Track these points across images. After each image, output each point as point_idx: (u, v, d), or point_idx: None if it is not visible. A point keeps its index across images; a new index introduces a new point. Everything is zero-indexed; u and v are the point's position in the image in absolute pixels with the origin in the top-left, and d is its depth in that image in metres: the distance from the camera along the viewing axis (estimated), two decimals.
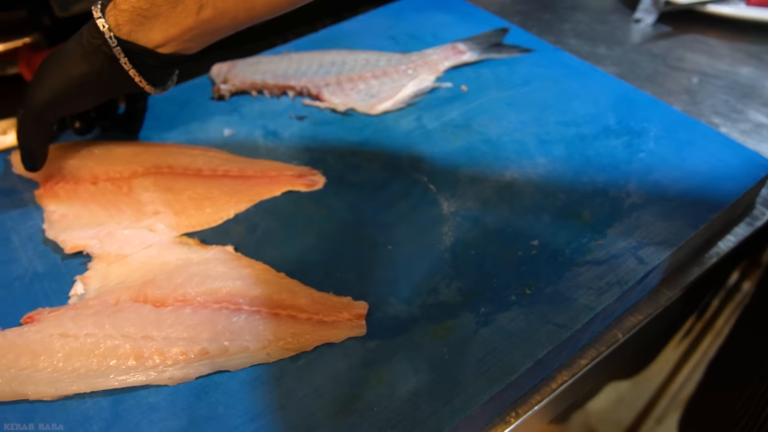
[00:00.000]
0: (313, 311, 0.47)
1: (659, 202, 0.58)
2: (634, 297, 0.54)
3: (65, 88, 0.51)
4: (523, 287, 0.50)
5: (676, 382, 1.32)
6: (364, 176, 0.60)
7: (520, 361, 0.45)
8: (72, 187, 0.56)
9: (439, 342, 0.46)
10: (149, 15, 0.48)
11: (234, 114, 0.68)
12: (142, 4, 0.48)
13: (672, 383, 1.32)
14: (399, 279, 0.51)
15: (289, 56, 0.74)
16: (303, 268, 0.51)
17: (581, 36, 0.93)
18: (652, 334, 0.57)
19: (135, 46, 0.50)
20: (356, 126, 0.66)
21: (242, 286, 0.47)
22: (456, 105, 0.69)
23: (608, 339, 0.52)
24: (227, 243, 0.53)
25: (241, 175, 0.58)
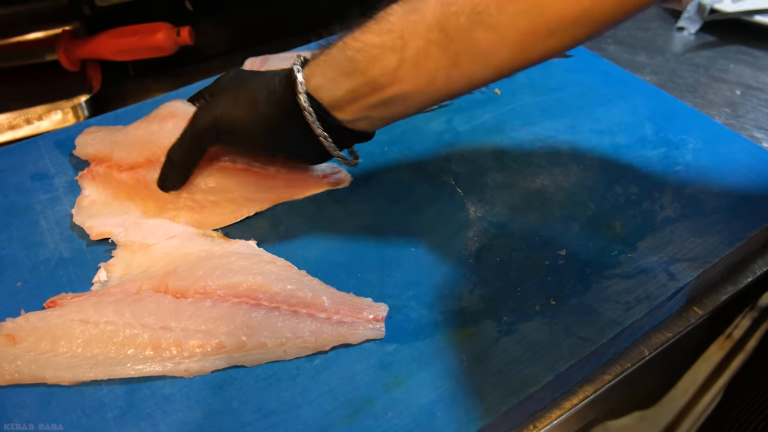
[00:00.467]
0: (332, 311, 0.46)
1: (694, 217, 0.56)
2: (663, 314, 0.52)
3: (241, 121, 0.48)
4: (548, 298, 0.49)
5: (702, 403, 1.28)
6: (391, 176, 0.60)
7: (541, 374, 0.44)
8: (107, 172, 0.56)
9: (459, 349, 0.45)
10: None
11: None
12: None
13: (697, 404, 1.29)
14: (422, 283, 0.50)
15: None
16: (325, 266, 0.51)
17: (621, 43, 0.90)
18: (680, 352, 0.56)
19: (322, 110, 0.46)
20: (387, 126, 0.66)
21: (263, 282, 0.47)
22: (488, 108, 0.68)
23: (634, 355, 0.50)
24: (250, 238, 0.53)
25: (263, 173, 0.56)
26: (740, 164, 0.61)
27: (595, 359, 0.48)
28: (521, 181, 0.59)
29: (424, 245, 0.53)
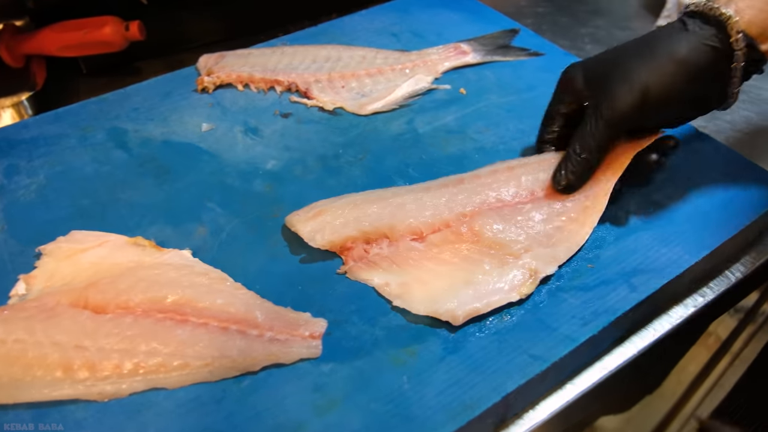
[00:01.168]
0: (265, 327, 0.43)
1: (661, 225, 0.52)
2: (625, 327, 0.49)
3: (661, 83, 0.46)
4: (500, 312, 0.46)
5: (690, 404, 1.26)
6: (344, 181, 0.56)
7: (486, 396, 0.41)
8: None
9: (400, 368, 0.42)
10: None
11: (216, 108, 0.64)
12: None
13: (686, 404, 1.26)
14: (366, 296, 0.47)
15: (282, 50, 0.71)
16: (264, 278, 0.48)
17: (599, 42, 0.87)
18: (643, 367, 0.52)
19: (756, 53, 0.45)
20: (343, 126, 0.63)
21: (192, 296, 0.44)
22: (452, 109, 0.65)
23: (592, 373, 0.47)
24: (186, 246, 0.50)
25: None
26: (714, 169, 0.58)
27: (551, 377, 0.45)
28: None
29: None
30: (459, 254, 0.48)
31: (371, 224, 0.49)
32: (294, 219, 0.50)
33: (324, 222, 0.49)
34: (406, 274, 0.47)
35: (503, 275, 0.46)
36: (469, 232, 0.49)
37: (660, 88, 0.46)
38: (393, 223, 0.49)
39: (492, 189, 0.52)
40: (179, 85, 0.67)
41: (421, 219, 0.49)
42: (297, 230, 0.49)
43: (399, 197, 0.51)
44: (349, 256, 0.49)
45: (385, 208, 0.50)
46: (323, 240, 0.48)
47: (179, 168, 0.57)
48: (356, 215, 0.49)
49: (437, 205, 0.50)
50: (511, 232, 0.49)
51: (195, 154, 0.59)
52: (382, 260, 0.48)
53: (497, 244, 0.48)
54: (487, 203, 0.51)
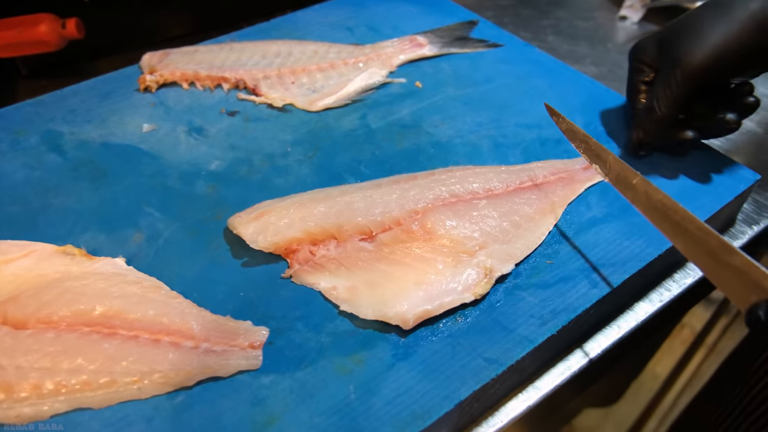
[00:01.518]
0: (201, 338, 0.40)
1: (622, 218, 0.50)
2: (588, 325, 0.47)
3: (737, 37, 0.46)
4: (454, 314, 0.43)
5: (668, 399, 1.25)
6: (293, 180, 0.54)
7: (438, 404, 0.38)
8: None
9: (346, 378, 0.39)
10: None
11: (159, 108, 0.61)
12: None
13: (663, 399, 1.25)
14: (312, 301, 0.44)
15: (230, 46, 0.68)
16: (203, 285, 0.45)
17: (561, 33, 0.86)
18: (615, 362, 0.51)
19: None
20: (292, 124, 0.60)
21: (121, 307, 0.41)
22: (407, 103, 0.62)
23: (555, 374, 0.45)
24: (120, 254, 0.46)
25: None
26: (675, 158, 0.56)
27: (510, 380, 0.43)
28: None
29: None
30: (411, 254, 0.45)
31: (317, 224, 0.46)
32: (236, 221, 0.47)
33: (267, 223, 0.46)
34: (355, 277, 0.44)
35: (457, 274, 0.44)
36: (421, 230, 0.46)
37: (734, 40, 0.47)
38: (340, 223, 0.46)
39: (446, 185, 0.49)
40: (121, 85, 0.64)
41: (370, 217, 0.47)
42: (239, 232, 0.46)
43: (347, 195, 0.48)
44: (295, 259, 0.46)
45: (332, 207, 0.47)
46: (266, 242, 0.45)
47: (117, 171, 0.54)
48: (302, 215, 0.47)
49: (387, 202, 0.48)
50: (465, 228, 0.46)
51: (134, 156, 0.55)
52: (329, 262, 0.45)
53: (451, 242, 0.46)
54: (441, 199, 0.48)
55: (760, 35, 0.47)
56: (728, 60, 0.47)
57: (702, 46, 0.47)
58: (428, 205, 0.47)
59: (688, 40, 0.48)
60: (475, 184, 0.49)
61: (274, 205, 0.48)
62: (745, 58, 0.48)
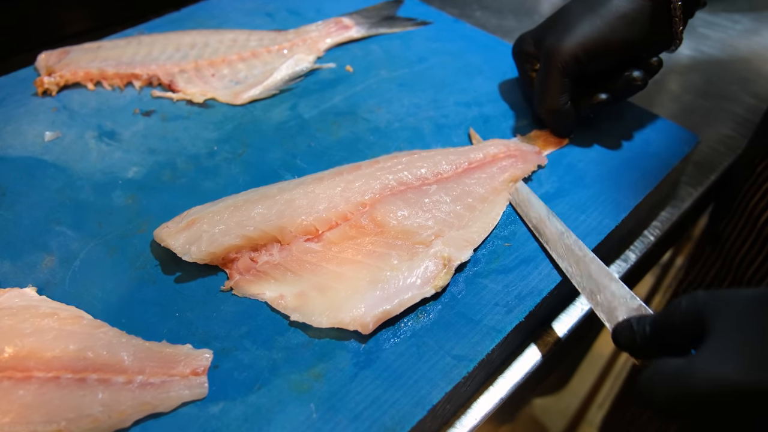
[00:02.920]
0: (135, 370, 0.35)
1: (575, 191, 0.49)
2: (552, 306, 0.45)
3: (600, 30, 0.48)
4: (415, 311, 0.40)
5: (617, 366, 1.28)
6: (223, 181, 0.49)
7: (409, 413, 0.35)
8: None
9: (305, 396, 0.35)
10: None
11: (62, 112, 0.54)
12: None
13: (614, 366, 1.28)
14: (258, 313, 0.40)
15: (138, 39, 0.61)
16: (131, 309, 0.39)
17: (487, 8, 0.84)
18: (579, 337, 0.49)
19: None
20: (216, 120, 0.54)
21: (35, 345, 0.35)
22: (339, 89, 0.58)
23: (524, 362, 0.43)
24: (29, 282, 0.40)
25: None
26: (618, 126, 0.55)
27: (482, 372, 0.40)
28: None
29: None
30: (362, 250, 0.42)
31: (257, 228, 0.42)
32: (163, 232, 0.42)
33: (200, 231, 0.41)
34: (303, 282, 0.40)
35: (414, 268, 0.41)
36: (371, 224, 0.43)
37: (599, 33, 0.48)
38: (282, 224, 0.42)
39: (392, 172, 0.46)
40: (14, 90, 0.56)
41: (315, 215, 0.42)
42: (167, 244, 0.41)
43: (287, 193, 0.44)
44: (234, 268, 0.41)
45: (271, 207, 0.43)
46: (200, 253, 0.41)
47: (17, 188, 0.47)
48: (238, 219, 0.42)
49: (332, 196, 0.44)
50: (419, 217, 0.43)
51: (37, 169, 0.49)
52: (274, 269, 0.41)
53: (404, 233, 0.42)
54: (389, 188, 0.45)
55: (625, 29, 0.49)
56: (597, 50, 0.49)
57: (570, 39, 0.49)
58: (376, 196, 0.44)
59: (556, 33, 0.50)
60: (423, 169, 0.46)
61: (205, 210, 0.43)
62: (616, 48, 0.49)
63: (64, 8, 0.72)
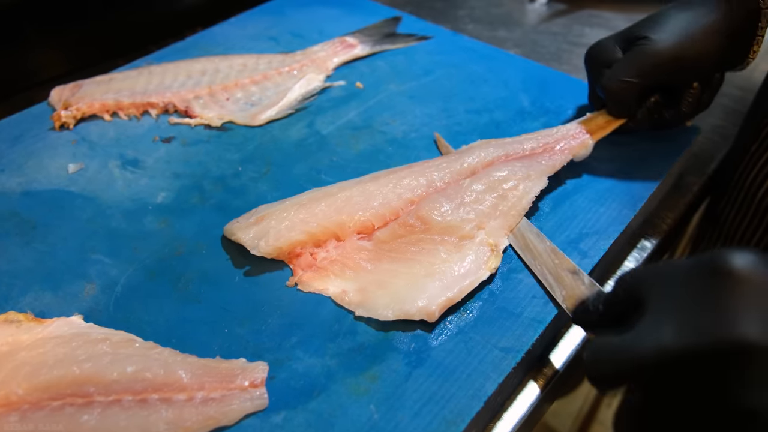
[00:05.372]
0: (195, 387, 0.35)
1: (591, 186, 0.51)
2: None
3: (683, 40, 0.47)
4: (457, 309, 0.41)
5: None
6: (252, 199, 0.50)
7: (467, 405, 0.36)
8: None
9: (363, 398, 0.36)
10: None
11: (82, 144, 0.55)
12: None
13: None
14: (305, 323, 0.40)
15: (149, 69, 0.62)
16: (180, 328, 0.40)
17: (478, 21, 0.86)
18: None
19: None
20: (237, 141, 0.55)
21: (93, 370, 0.35)
22: (352, 105, 0.60)
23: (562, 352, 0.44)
24: (74, 311, 0.40)
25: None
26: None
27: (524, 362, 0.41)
28: None
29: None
30: (411, 247, 0.43)
31: (319, 224, 0.44)
32: (234, 227, 0.44)
33: (268, 227, 0.43)
34: (362, 278, 0.42)
35: (465, 258, 0.43)
36: (417, 221, 0.44)
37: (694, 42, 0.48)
38: (342, 220, 0.44)
39: (438, 169, 0.48)
40: (31, 126, 0.57)
41: (370, 210, 0.45)
42: (237, 238, 0.44)
43: (346, 191, 0.46)
44: (297, 264, 0.43)
45: (332, 204, 0.45)
46: (267, 247, 0.43)
47: (48, 220, 0.47)
48: (302, 216, 0.44)
49: (384, 193, 0.46)
50: (460, 212, 0.45)
51: (65, 201, 0.49)
52: (332, 265, 0.43)
53: (448, 228, 0.44)
54: (433, 186, 0.47)
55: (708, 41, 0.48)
56: (688, 59, 0.48)
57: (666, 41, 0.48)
58: (423, 193, 0.46)
59: (653, 33, 0.49)
60: (463, 167, 0.48)
61: (273, 208, 0.45)
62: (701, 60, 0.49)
63: (66, 45, 0.73)
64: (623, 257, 0.51)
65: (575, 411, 1.32)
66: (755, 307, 0.27)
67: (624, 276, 0.34)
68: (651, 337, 0.29)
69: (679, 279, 0.30)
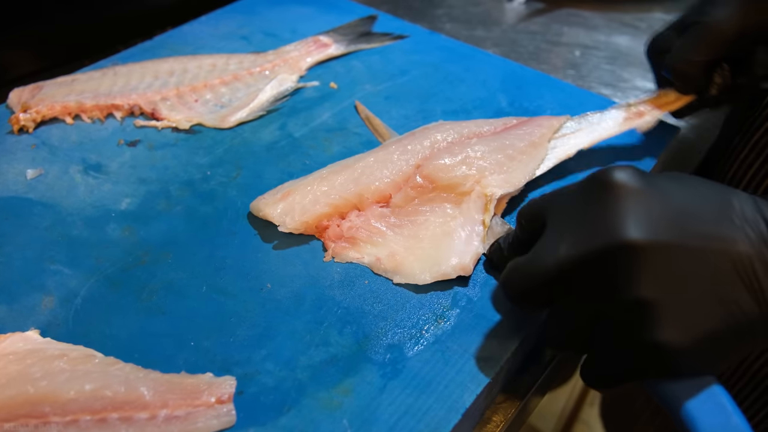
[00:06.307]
0: (157, 404, 0.34)
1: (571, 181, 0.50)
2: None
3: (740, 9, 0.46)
4: (434, 317, 0.40)
5: None
6: (221, 205, 0.48)
7: (445, 418, 0.34)
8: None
9: (336, 413, 0.35)
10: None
11: (42, 149, 0.52)
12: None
13: None
14: (275, 334, 0.39)
15: (114, 70, 0.60)
16: (143, 342, 0.38)
17: (456, 20, 0.85)
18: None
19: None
20: (206, 144, 0.53)
21: (49, 388, 0.33)
22: (326, 106, 0.58)
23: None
24: (30, 326, 0.38)
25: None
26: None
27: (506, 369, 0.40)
28: None
29: (273, 284, 0.42)
30: (424, 208, 0.45)
31: (340, 196, 0.45)
32: (261, 203, 0.45)
33: (293, 202, 0.44)
34: (389, 244, 0.43)
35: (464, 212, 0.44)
36: (425, 181, 0.45)
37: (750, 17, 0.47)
38: (360, 191, 0.45)
39: (440, 132, 0.49)
40: None
41: (385, 180, 0.46)
42: (265, 215, 0.44)
43: (362, 161, 0.47)
44: (327, 237, 0.44)
45: (350, 175, 0.46)
46: (294, 222, 0.44)
47: (4, 229, 0.45)
48: (324, 189, 0.45)
49: (393, 161, 0.47)
50: (463, 168, 0.46)
51: (23, 209, 0.47)
52: (358, 233, 0.44)
53: (450, 186, 0.45)
54: (437, 146, 0.48)
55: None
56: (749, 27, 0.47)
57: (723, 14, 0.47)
58: (427, 154, 0.47)
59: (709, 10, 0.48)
60: (466, 130, 0.49)
61: (297, 183, 0.46)
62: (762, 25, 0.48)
63: (27, 45, 0.70)
64: None
65: (558, 411, 1.32)
66: (634, 211, 0.30)
67: (523, 207, 0.39)
68: (552, 250, 0.33)
69: (570, 198, 0.34)
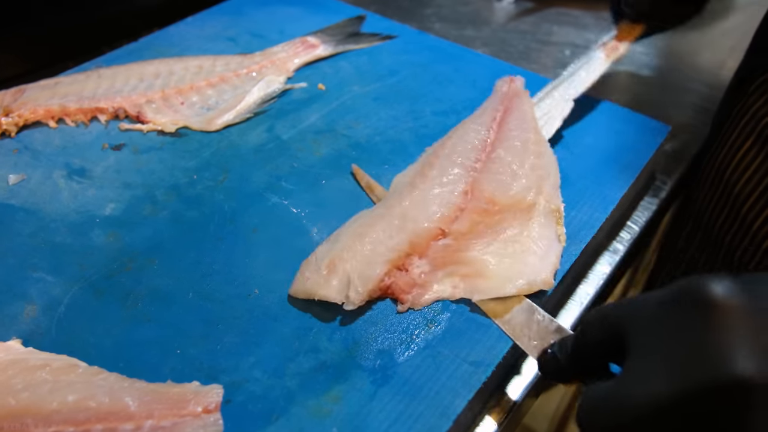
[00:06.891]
0: (143, 415, 0.33)
1: (561, 189, 0.49)
2: (551, 304, 0.45)
3: None
4: (425, 321, 0.39)
5: None
6: (207, 210, 0.47)
7: (435, 425, 0.34)
8: None
9: (325, 421, 0.34)
10: None
11: (24, 153, 0.51)
12: None
13: None
14: (263, 341, 0.38)
15: (98, 72, 0.59)
16: (128, 351, 0.37)
17: (445, 20, 0.85)
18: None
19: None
20: (192, 148, 0.53)
21: (31, 400, 0.32)
22: (314, 107, 0.58)
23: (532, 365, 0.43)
24: (11, 335, 0.37)
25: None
26: (594, 122, 0.56)
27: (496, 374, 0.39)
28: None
29: (261, 289, 0.41)
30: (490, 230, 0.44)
31: (394, 249, 0.41)
32: (308, 285, 0.39)
33: (346, 272, 0.40)
34: (460, 270, 0.41)
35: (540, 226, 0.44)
36: (489, 204, 0.45)
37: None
38: (412, 238, 0.42)
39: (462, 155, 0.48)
40: None
41: (436, 216, 0.44)
42: (323, 296, 0.39)
43: (396, 207, 0.44)
44: (398, 290, 0.41)
45: (393, 226, 0.43)
46: (359, 295, 0.39)
47: None
48: (371, 247, 0.41)
49: (436, 194, 0.45)
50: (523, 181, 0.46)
51: (4, 215, 0.46)
52: (432, 276, 0.41)
53: (514, 203, 0.45)
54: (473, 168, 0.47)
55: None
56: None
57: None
58: (471, 179, 0.46)
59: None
60: (476, 140, 0.49)
61: (334, 250, 0.41)
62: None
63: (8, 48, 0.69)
64: (595, 262, 0.50)
65: (551, 411, 1.32)
66: (744, 339, 0.24)
67: (591, 315, 0.31)
68: (643, 383, 0.26)
69: (658, 315, 0.27)
